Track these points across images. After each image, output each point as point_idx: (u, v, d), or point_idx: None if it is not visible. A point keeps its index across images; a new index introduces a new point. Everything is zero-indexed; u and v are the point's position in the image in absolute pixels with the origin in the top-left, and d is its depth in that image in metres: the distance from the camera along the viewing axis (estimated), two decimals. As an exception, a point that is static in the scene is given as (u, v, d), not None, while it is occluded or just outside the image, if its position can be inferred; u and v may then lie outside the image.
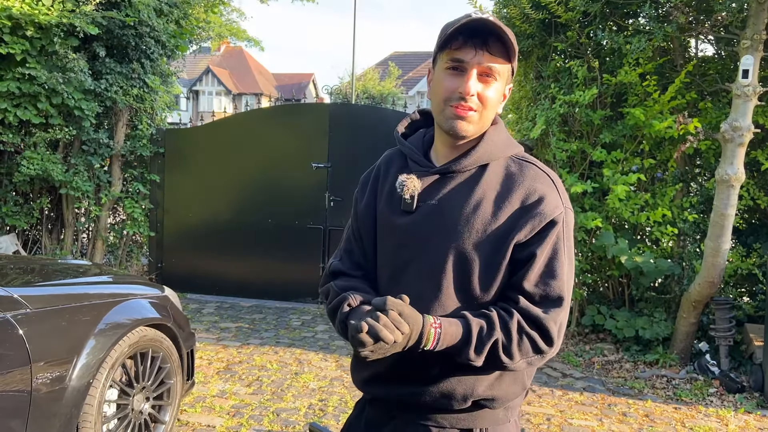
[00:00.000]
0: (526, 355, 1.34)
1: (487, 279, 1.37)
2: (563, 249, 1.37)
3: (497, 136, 1.44)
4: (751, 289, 5.59)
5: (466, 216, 1.38)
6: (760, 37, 4.43)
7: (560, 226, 1.36)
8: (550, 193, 1.37)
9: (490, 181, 1.40)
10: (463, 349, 1.31)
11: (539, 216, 1.35)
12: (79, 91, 6.24)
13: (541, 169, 1.42)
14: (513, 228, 1.35)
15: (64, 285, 3.20)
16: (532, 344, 1.34)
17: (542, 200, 1.36)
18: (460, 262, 1.37)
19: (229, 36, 20.54)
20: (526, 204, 1.36)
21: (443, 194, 1.42)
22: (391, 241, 1.48)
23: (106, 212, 6.97)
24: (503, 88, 1.41)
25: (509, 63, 1.39)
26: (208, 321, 6.10)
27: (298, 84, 41.17)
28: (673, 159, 5.26)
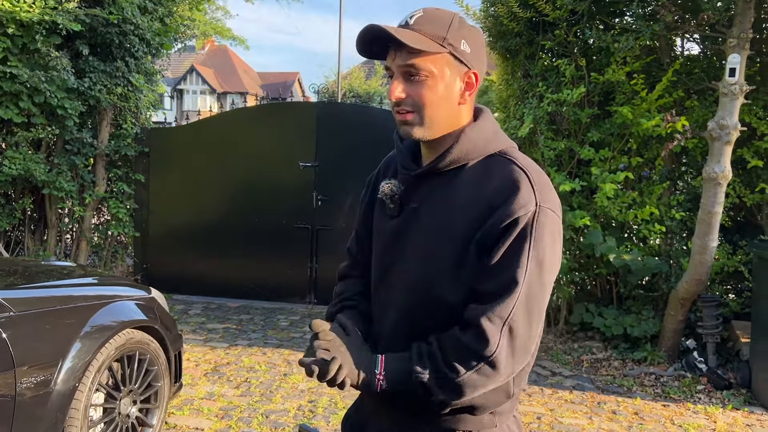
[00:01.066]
0: (467, 364, 1.24)
1: (456, 282, 1.32)
2: (527, 248, 1.25)
3: (475, 135, 1.36)
4: (736, 287, 5.64)
5: (439, 218, 1.34)
6: (746, 36, 4.45)
7: (527, 225, 1.26)
8: (521, 191, 1.28)
9: (466, 182, 1.34)
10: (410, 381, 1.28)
11: (503, 215, 1.27)
12: (62, 90, 6.15)
13: (519, 166, 1.33)
14: (478, 228, 1.29)
15: (48, 287, 3.13)
16: (469, 350, 1.24)
17: (509, 198, 1.27)
18: (433, 265, 1.34)
19: (213, 34, 20.41)
20: (493, 203, 1.29)
21: (422, 197, 1.39)
22: (378, 245, 1.49)
23: (90, 212, 6.88)
24: (447, 79, 1.32)
25: (441, 51, 1.30)
26: (195, 322, 6.04)
27: (283, 83, 40.98)
28: (660, 157, 5.28)
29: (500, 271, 1.26)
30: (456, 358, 1.25)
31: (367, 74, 31.06)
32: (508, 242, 1.26)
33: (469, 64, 1.34)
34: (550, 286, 1.31)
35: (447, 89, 1.33)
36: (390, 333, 1.42)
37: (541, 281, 1.27)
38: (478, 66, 1.35)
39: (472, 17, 6.13)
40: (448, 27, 1.31)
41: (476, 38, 1.36)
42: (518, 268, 1.24)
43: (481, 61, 1.37)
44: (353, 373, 1.30)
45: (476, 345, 1.23)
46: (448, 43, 1.30)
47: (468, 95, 1.36)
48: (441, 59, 1.31)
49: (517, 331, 1.24)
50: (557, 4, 5.17)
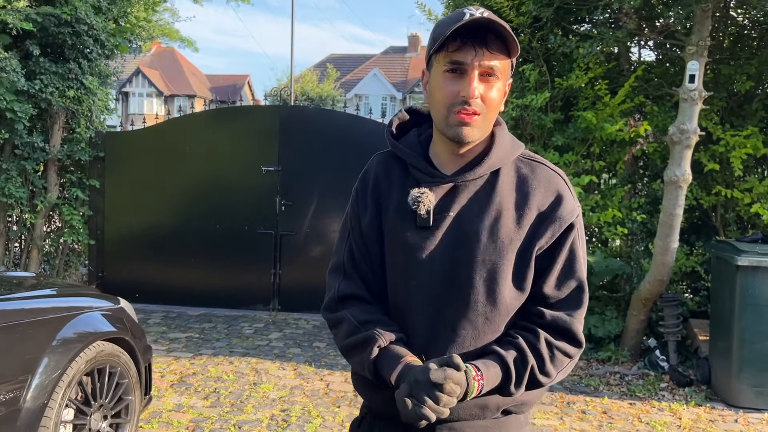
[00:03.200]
0: (559, 365, 1.35)
1: (516, 290, 1.35)
2: (580, 248, 1.37)
3: (506, 139, 1.39)
4: (692, 286, 5.82)
5: (489, 226, 1.32)
6: (705, 43, 4.61)
7: (577, 228, 1.37)
8: (565, 195, 1.35)
9: (505, 188, 1.35)
10: (505, 387, 1.31)
11: (558, 221, 1.34)
12: (11, 92, 5.88)
13: (552, 170, 1.39)
14: (534, 235, 1.33)
15: (11, 300, 2.98)
16: (564, 353, 1.34)
17: (559, 204, 1.34)
18: (489, 275, 1.32)
19: (161, 36, 19.95)
20: (544, 209, 1.34)
21: (461, 205, 1.35)
22: (405, 258, 1.37)
23: (42, 220, 6.62)
24: (504, 85, 1.33)
25: (509, 59, 1.31)
26: (156, 331, 5.86)
27: (233, 86, 40.43)
28: (622, 161, 5.41)
29: (568, 275, 1.36)
30: (552, 362, 1.33)
31: (320, 77, 30.93)
32: (567, 246, 1.35)
33: (513, 64, 1.35)
34: None
35: (502, 96, 1.34)
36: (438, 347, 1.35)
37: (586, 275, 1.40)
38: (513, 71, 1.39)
39: (434, 22, 6.16)
40: (508, 31, 1.27)
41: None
42: (580, 270, 1.37)
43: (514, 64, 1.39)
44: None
45: (572, 348, 1.35)
46: (515, 48, 1.30)
47: (505, 100, 1.38)
48: (508, 65, 1.32)
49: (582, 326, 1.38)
50: (521, 11, 5.24)
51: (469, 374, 1.24)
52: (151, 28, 14.48)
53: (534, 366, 1.30)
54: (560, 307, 1.35)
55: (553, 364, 1.33)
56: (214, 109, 7.72)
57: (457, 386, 1.20)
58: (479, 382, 1.25)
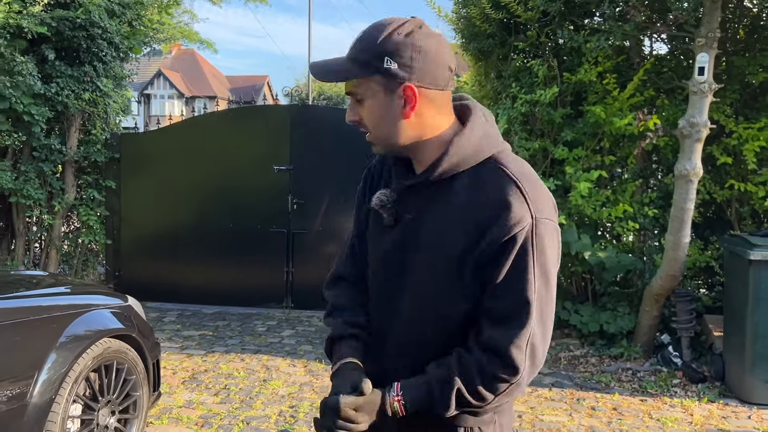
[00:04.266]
0: (495, 391, 1.27)
1: (453, 296, 1.32)
2: (531, 264, 1.24)
3: (464, 142, 1.31)
4: (707, 281, 5.75)
5: (437, 230, 1.32)
6: (714, 35, 4.55)
7: (525, 240, 1.24)
8: (513, 204, 1.24)
9: (460, 192, 1.31)
10: (431, 408, 1.30)
11: (500, 232, 1.24)
12: (28, 96, 6.00)
13: (510, 176, 1.28)
14: (476, 244, 1.27)
15: (21, 298, 3.05)
16: (495, 378, 1.26)
17: (503, 214, 1.25)
18: (432, 278, 1.33)
19: (180, 38, 20.15)
20: (489, 219, 1.26)
21: (419, 207, 1.35)
22: (375, 256, 1.46)
23: (60, 221, 6.74)
24: (382, 98, 1.30)
25: (369, 76, 1.29)
26: (171, 329, 5.95)
27: (252, 86, 40.70)
28: (632, 156, 5.36)
29: (509, 290, 1.26)
30: (484, 385, 1.27)
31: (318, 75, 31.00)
32: (510, 259, 1.24)
33: (401, 77, 1.27)
34: (554, 283, 1.31)
35: (383, 108, 1.31)
36: (395, 344, 1.41)
37: (549, 292, 1.28)
38: (416, 75, 1.27)
39: (444, 19, 6.16)
40: (374, 48, 1.28)
41: (407, 47, 1.27)
42: (527, 287, 1.24)
43: (422, 69, 1.28)
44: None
45: (506, 373, 1.26)
46: (372, 65, 1.28)
47: (409, 109, 1.30)
48: (370, 82, 1.30)
49: (537, 347, 1.27)
50: (529, 6, 5.22)
51: (386, 397, 1.29)
52: (168, 29, 14.65)
53: (461, 389, 1.27)
54: (500, 324, 1.27)
55: (486, 387, 1.27)
56: (227, 109, 7.80)
57: (362, 413, 1.27)
58: (400, 403, 1.29)
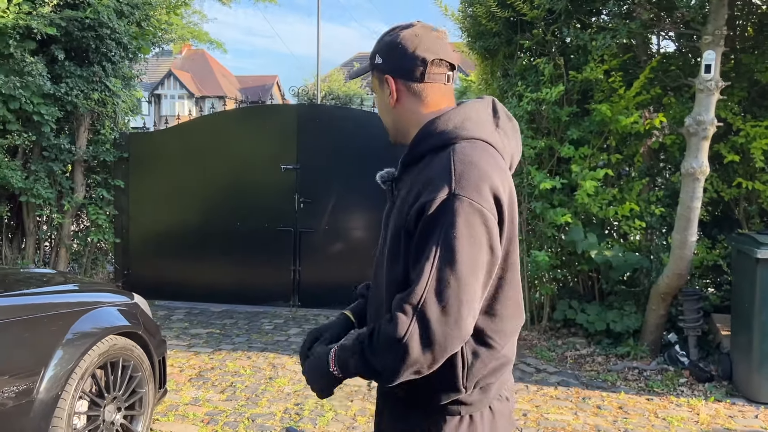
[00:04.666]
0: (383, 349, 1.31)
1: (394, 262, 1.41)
2: (436, 234, 1.29)
3: (434, 128, 1.44)
4: (716, 280, 5.71)
5: (397, 205, 1.45)
6: (720, 33, 4.52)
7: (436, 213, 1.30)
8: (436, 180, 1.33)
9: (419, 172, 1.42)
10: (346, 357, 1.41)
11: (419, 204, 1.33)
12: (38, 96, 6.07)
13: (450, 156, 1.36)
14: (406, 216, 1.37)
15: (28, 295, 3.09)
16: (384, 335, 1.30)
17: (426, 188, 1.34)
18: (384, 242, 1.48)
19: (190, 38, 20.23)
20: (419, 191, 1.36)
21: (401, 183, 1.49)
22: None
23: (69, 219, 6.80)
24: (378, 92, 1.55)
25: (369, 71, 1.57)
26: (178, 328, 5.99)
27: (262, 86, 40.81)
28: (639, 154, 5.34)
29: (415, 258, 1.32)
30: (378, 344, 1.32)
31: (347, 76, 31.04)
32: (420, 230, 1.32)
33: (383, 71, 1.50)
34: (475, 276, 1.30)
35: (381, 100, 1.55)
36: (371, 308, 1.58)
37: (454, 270, 1.27)
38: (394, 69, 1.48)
39: (450, 18, 6.16)
40: (374, 47, 1.53)
41: (388, 45, 1.50)
42: (426, 256, 1.29)
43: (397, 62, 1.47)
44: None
45: (391, 330, 1.28)
46: (371, 63, 1.54)
47: (392, 98, 1.50)
48: (373, 77, 1.55)
49: (431, 318, 1.26)
50: (535, 4, 5.21)
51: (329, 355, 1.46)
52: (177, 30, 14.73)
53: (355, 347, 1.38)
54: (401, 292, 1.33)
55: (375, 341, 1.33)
56: (234, 108, 7.84)
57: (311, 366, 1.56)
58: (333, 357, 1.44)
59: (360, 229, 6.72)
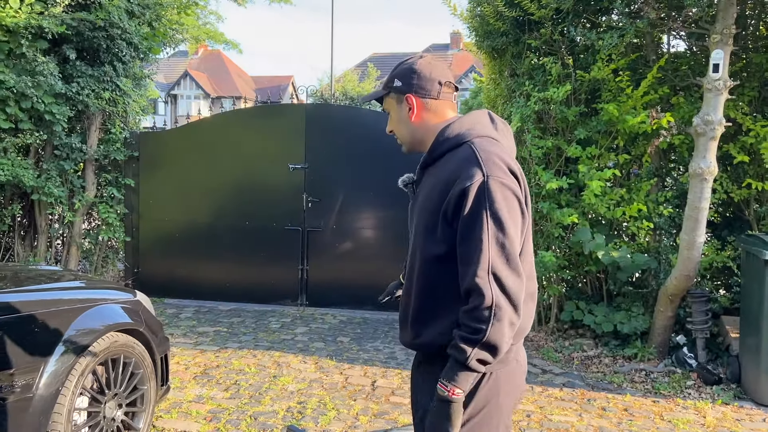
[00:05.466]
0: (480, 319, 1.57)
1: (428, 245, 1.73)
2: (483, 210, 1.60)
3: (449, 132, 1.79)
4: (726, 282, 5.64)
5: (423, 196, 1.80)
6: (729, 32, 4.46)
7: (478, 191, 1.61)
8: (470, 166, 1.65)
9: (440, 168, 1.78)
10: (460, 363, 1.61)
11: (457, 187, 1.63)
12: (50, 95, 6.13)
13: (472, 148, 1.70)
14: (443, 200, 1.67)
15: (31, 291, 3.13)
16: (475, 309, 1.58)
17: (461, 174, 1.65)
18: (417, 233, 1.79)
19: (206, 39, 20.36)
20: (451, 179, 1.67)
21: (421, 183, 1.87)
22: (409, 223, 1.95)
23: (80, 218, 6.87)
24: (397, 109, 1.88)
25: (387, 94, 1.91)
26: (186, 326, 6.03)
27: (277, 86, 40.98)
28: (647, 154, 5.29)
29: (468, 234, 1.61)
30: (470, 319, 1.58)
31: (360, 77, 31.06)
32: (467, 208, 1.61)
33: (402, 91, 1.85)
34: (516, 237, 1.63)
35: (399, 115, 1.89)
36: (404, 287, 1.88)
37: (504, 233, 1.60)
38: (413, 89, 1.84)
39: (459, 17, 6.14)
40: (390, 75, 1.88)
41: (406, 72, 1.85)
42: (481, 228, 1.59)
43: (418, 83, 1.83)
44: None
45: (477, 300, 1.57)
46: (388, 86, 1.89)
47: (412, 114, 1.85)
48: (389, 99, 1.91)
49: (502, 277, 1.57)
50: (542, 3, 5.18)
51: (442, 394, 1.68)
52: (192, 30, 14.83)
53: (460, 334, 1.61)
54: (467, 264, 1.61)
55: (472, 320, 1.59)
56: (242, 108, 7.87)
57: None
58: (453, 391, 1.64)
59: (367, 228, 6.72)
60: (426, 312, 1.75)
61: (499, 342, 1.57)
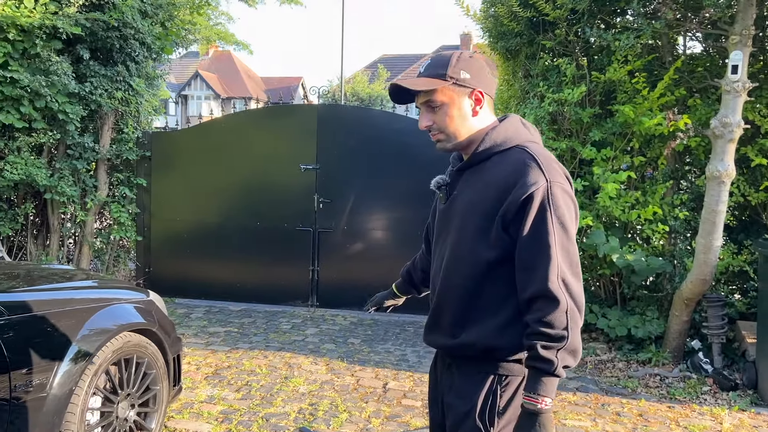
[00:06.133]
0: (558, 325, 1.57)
1: (478, 248, 1.70)
2: (549, 216, 1.59)
3: (496, 134, 1.74)
4: (742, 287, 5.58)
5: (470, 198, 1.75)
6: (748, 33, 4.41)
7: (543, 197, 1.59)
8: (531, 171, 1.62)
9: (488, 170, 1.73)
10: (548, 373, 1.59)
11: (519, 192, 1.61)
12: (63, 95, 6.14)
13: (529, 153, 1.67)
14: (501, 204, 1.64)
15: (45, 290, 3.12)
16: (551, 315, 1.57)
17: (521, 179, 1.62)
18: (463, 236, 1.74)
19: (217, 40, 20.42)
20: (509, 183, 1.64)
21: (461, 186, 1.80)
22: (436, 225, 1.92)
23: (93, 217, 6.87)
24: (458, 102, 1.75)
25: (443, 83, 1.72)
26: (197, 326, 6.02)
27: (287, 87, 41.08)
28: (663, 156, 5.23)
29: (534, 240, 1.59)
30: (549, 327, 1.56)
31: (370, 78, 31.07)
32: (532, 214, 1.59)
33: (471, 85, 1.74)
34: (575, 238, 1.64)
35: (459, 109, 1.75)
36: (438, 291, 1.83)
37: (569, 239, 1.61)
38: (480, 84, 1.75)
39: (472, 18, 6.11)
40: (448, 65, 1.73)
41: (473, 65, 1.75)
42: (548, 234, 1.59)
43: (482, 80, 1.76)
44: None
45: (552, 306, 1.56)
46: (450, 76, 1.72)
47: (479, 108, 1.76)
48: (447, 90, 1.73)
49: (569, 283, 1.58)
50: (557, 3, 5.14)
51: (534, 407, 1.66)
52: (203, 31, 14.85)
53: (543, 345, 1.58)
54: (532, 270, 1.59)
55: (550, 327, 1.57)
56: (254, 108, 7.86)
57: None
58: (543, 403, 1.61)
59: (379, 229, 6.69)
60: (467, 314, 1.74)
61: (578, 346, 1.59)
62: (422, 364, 5.08)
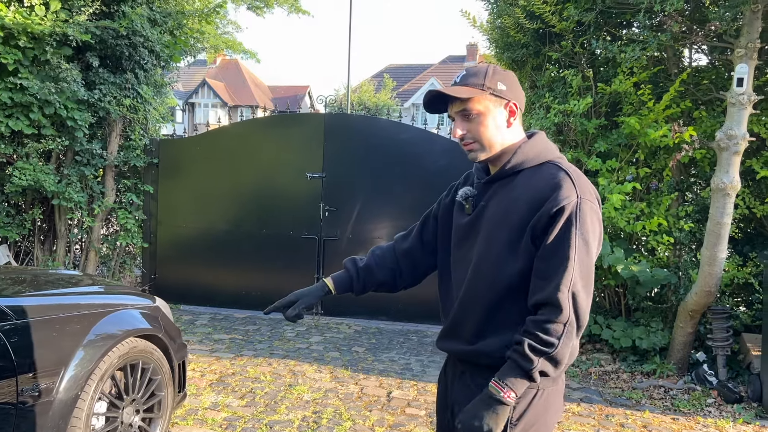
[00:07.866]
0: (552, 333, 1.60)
1: (505, 260, 1.71)
2: (574, 230, 1.62)
3: (528, 149, 1.77)
4: (747, 299, 5.56)
5: (499, 210, 1.75)
6: (754, 46, 4.43)
7: (571, 212, 1.62)
8: (564, 186, 1.65)
9: (519, 184, 1.74)
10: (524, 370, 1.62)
11: (551, 205, 1.64)
12: (72, 101, 6.20)
13: (562, 169, 1.71)
14: (532, 216, 1.66)
15: (52, 295, 3.14)
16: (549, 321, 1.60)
17: (554, 192, 1.65)
18: (490, 248, 1.74)
19: (224, 48, 20.55)
20: (542, 197, 1.66)
21: (489, 197, 1.80)
22: (455, 237, 1.91)
23: (99, 223, 6.92)
24: (494, 112, 1.77)
25: (482, 93, 1.74)
26: (202, 333, 6.04)
27: (294, 96, 41.20)
28: (668, 168, 5.24)
29: (555, 250, 1.63)
30: (542, 331, 1.60)
31: (377, 87, 31.18)
32: (558, 226, 1.63)
33: (508, 97, 1.77)
34: (595, 257, 1.67)
35: (494, 119, 1.77)
36: (460, 301, 1.82)
37: (588, 256, 1.64)
38: (515, 97, 1.78)
39: (479, 29, 6.15)
40: (485, 76, 1.76)
41: (509, 78, 1.79)
42: (569, 247, 1.62)
43: (517, 93, 1.79)
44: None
45: (554, 314, 1.60)
46: (487, 87, 1.75)
47: (513, 119, 1.79)
48: (484, 99, 1.75)
49: (579, 297, 1.60)
50: (564, 15, 5.17)
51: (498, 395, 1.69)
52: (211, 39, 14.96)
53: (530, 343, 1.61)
54: (547, 278, 1.62)
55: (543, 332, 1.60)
56: (261, 117, 7.91)
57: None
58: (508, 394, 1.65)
59: (384, 238, 6.71)
60: (488, 325, 1.76)
61: (563, 358, 1.62)
62: (426, 373, 5.09)
